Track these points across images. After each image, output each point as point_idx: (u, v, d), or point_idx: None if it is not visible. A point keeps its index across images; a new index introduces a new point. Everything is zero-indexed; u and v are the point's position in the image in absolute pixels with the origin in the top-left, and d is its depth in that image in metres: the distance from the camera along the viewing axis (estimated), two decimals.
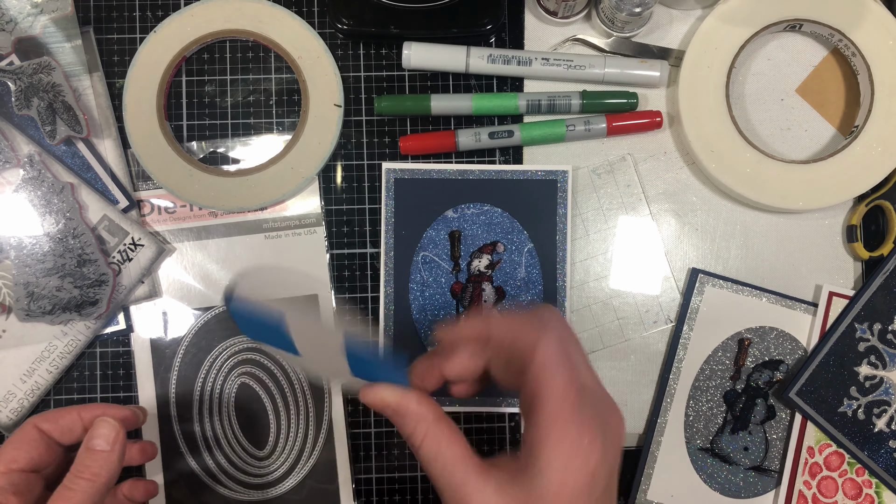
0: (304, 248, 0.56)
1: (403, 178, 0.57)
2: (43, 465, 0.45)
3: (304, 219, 0.56)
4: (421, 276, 0.56)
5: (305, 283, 0.56)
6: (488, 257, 0.57)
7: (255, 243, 0.56)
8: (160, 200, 0.57)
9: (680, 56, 0.57)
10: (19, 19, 0.55)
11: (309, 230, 0.56)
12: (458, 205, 0.57)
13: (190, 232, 0.56)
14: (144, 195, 0.57)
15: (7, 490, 0.43)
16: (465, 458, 0.37)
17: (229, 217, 0.56)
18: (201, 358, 0.56)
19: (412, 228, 0.57)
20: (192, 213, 0.56)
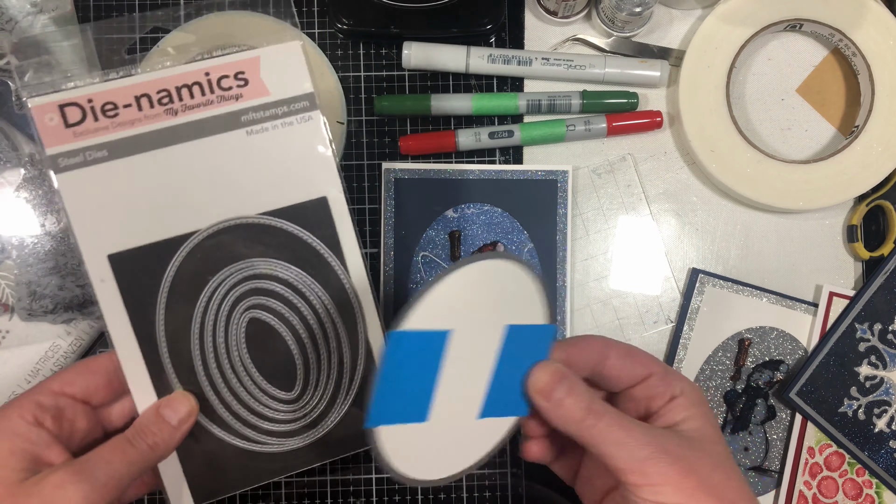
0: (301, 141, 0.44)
1: (403, 178, 0.57)
2: (99, 399, 0.43)
3: (293, 102, 0.44)
4: (421, 276, 0.56)
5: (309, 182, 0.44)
6: None
7: (235, 143, 0.43)
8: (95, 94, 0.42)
9: (680, 56, 0.57)
10: (19, 18, 0.55)
11: (302, 117, 0.45)
12: (458, 205, 0.57)
13: (144, 139, 0.43)
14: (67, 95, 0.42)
15: (48, 410, 0.40)
16: None
17: (194, 113, 0.43)
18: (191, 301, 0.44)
19: (412, 228, 0.57)
20: (143, 114, 0.43)
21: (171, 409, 0.43)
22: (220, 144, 0.43)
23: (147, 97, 0.42)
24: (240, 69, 0.43)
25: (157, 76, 0.42)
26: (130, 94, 0.42)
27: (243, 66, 0.43)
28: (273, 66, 0.44)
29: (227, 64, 0.43)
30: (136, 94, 0.42)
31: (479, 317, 0.37)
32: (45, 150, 0.42)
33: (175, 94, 0.43)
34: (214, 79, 0.43)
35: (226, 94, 0.43)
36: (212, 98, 0.43)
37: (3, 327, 0.54)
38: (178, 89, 0.42)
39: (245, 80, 0.43)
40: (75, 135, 0.42)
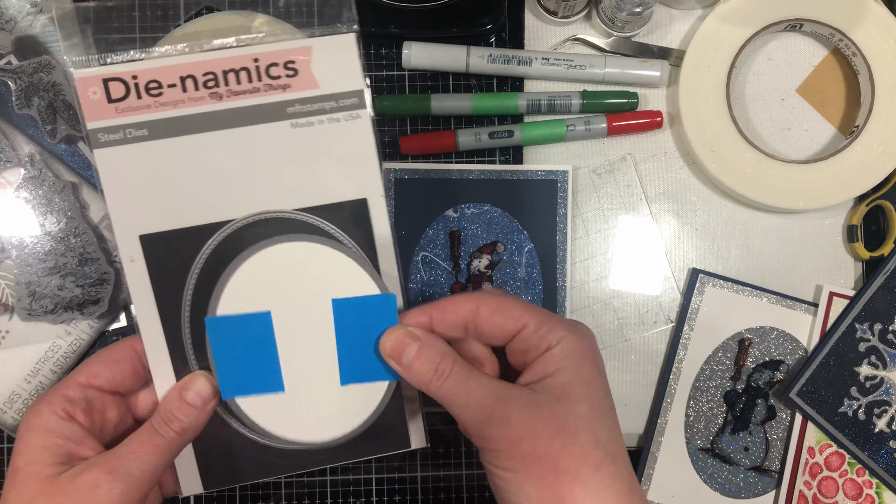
0: (346, 139, 0.43)
1: (403, 178, 0.57)
2: (126, 387, 0.42)
3: (342, 98, 0.43)
4: (421, 276, 0.56)
5: (350, 183, 0.42)
6: (488, 257, 0.57)
7: (279, 135, 0.42)
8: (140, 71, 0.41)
9: (680, 56, 0.57)
10: (19, 18, 0.55)
11: (350, 115, 0.43)
12: (458, 205, 0.57)
13: (185, 122, 0.42)
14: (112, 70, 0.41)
15: (78, 404, 0.40)
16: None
17: (239, 99, 0.42)
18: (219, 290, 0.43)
19: (412, 228, 0.57)
20: (187, 96, 0.41)
21: (192, 390, 0.42)
22: (262, 134, 0.42)
23: (192, 78, 0.41)
24: (290, 58, 0.42)
25: (205, 58, 0.41)
26: (176, 73, 0.41)
27: (294, 55, 0.42)
28: (325, 58, 0.42)
29: (278, 51, 0.42)
30: (182, 74, 0.41)
31: (297, 295, 0.41)
32: (87, 123, 0.41)
33: (221, 78, 0.42)
34: (263, 66, 0.42)
35: (273, 83, 0.42)
36: (259, 86, 0.42)
37: (3, 327, 0.54)
38: (226, 73, 0.41)
39: (295, 70, 0.42)
40: (117, 111, 0.41)
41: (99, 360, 0.42)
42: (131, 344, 0.43)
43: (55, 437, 0.39)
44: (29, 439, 0.39)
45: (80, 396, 0.40)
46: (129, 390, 0.43)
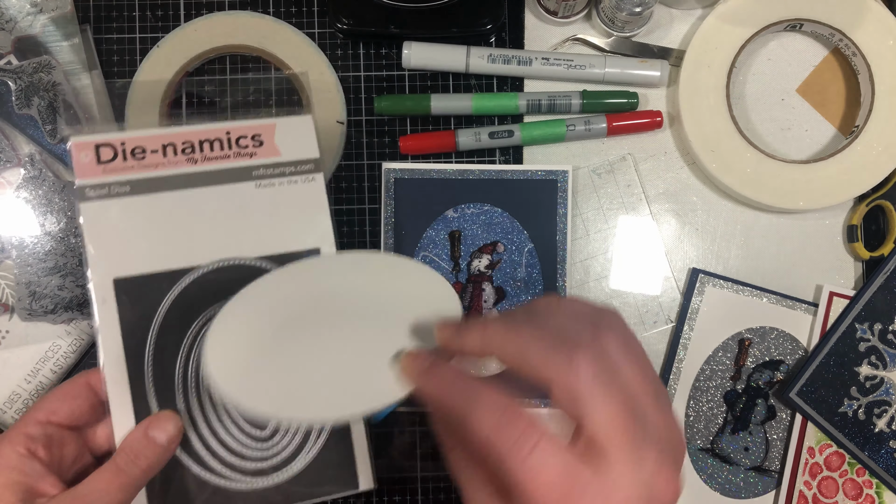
0: (303, 198, 0.49)
1: (403, 178, 0.57)
2: (83, 422, 0.43)
3: (300, 164, 0.49)
4: None
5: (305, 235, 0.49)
6: (488, 257, 0.57)
7: (244, 193, 0.48)
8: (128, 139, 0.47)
9: (680, 56, 0.57)
10: (19, 18, 0.55)
11: (307, 177, 0.49)
12: (458, 205, 0.57)
13: (164, 181, 0.47)
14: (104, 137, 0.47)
15: (38, 441, 0.41)
16: None
17: (211, 163, 0.48)
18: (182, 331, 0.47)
19: (412, 228, 0.57)
20: (166, 160, 0.47)
21: (159, 428, 0.43)
22: (230, 192, 0.48)
23: (172, 146, 0.47)
24: (257, 132, 0.49)
25: (185, 130, 0.48)
26: (159, 142, 0.47)
27: (260, 130, 0.49)
28: (286, 133, 0.49)
29: (247, 126, 0.49)
30: (164, 142, 0.47)
31: None
32: (76, 181, 0.46)
33: (197, 146, 0.48)
34: (234, 137, 0.48)
35: (241, 151, 0.49)
36: (229, 153, 0.48)
37: (3, 327, 0.54)
38: (201, 142, 0.48)
39: (260, 142, 0.49)
40: (104, 171, 0.46)
41: (56, 396, 0.43)
42: (86, 379, 0.44)
43: (17, 475, 0.39)
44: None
45: (41, 433, 0.41)
46: (86, 424, 0.44)
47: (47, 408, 0.42)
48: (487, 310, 0.56)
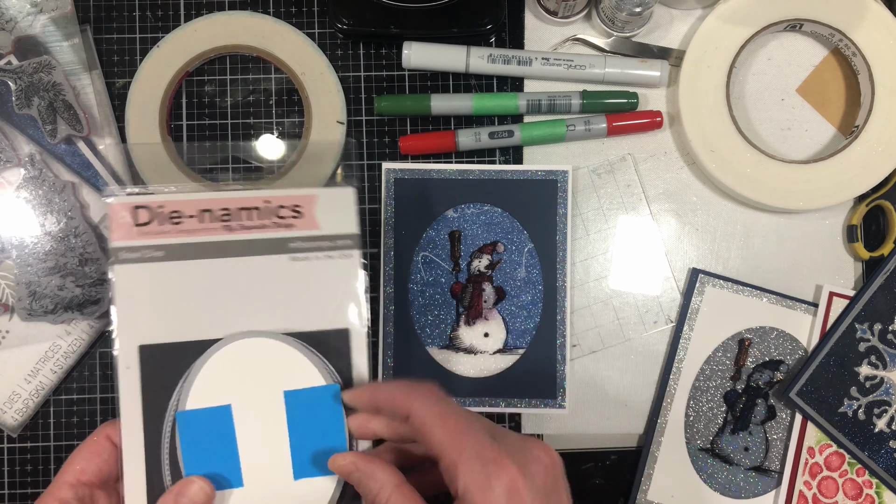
0: (338, 275, 0.47)
1: (403, 178, 0.57)
2: (111, 478, 0.43)
3: (338, 239, 0.48)
4: (421, 276, 0.56)
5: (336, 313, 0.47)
6: (488, 257, 0.57)
7: (278, 265, 0.47)
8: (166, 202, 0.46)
9: (680, 56, 0.57)
10: (19, 18, 0.55)
11: (344, 253, 0.48)
12: (458, 205, 0.57)
13: (198, 248, 0.47)
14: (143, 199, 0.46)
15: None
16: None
17: (248, 233, 0.47)
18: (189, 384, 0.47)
19: (412, 228, 0.57)
20: (202, 226, 0.47)
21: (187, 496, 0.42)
22: (264, 264, 0.46)
23: (210, 212, 0.46)
24: (297, 203, 0.47)
25: (224, 195, 0.46)
26: (196, 207, 0.46)
27: (300, 202, 0.47)
28: (326, 206, 0.47)
29: (287, 196, 0.47)
30: (202, 207, 0.46)
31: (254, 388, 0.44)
32: (112, 242, 0.45)
33: (235, 213, 0.46)
34: (273, 206, 0.47)
35: (279, 222, 0.47)
36: (267, 223, 0.47)
37: (3, 327, 0.54)
38: (239, 210, 0.47)
39: (300, 213, 0.47)
40: (140, 234, 0.45)
41: (81, 455, 0.43)
42: (106, 433, 0.44)
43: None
44: None
45: (72, 496, 0.41)
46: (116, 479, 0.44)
47: (75, 468, 0.42)
48: (487, 310, 0.56)
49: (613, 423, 0.57)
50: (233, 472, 0.44)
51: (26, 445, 0.56)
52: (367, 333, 0.47)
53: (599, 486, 0.57)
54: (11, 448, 0.56)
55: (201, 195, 0.46)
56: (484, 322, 0.56)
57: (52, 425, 0.56)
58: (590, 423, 0.57)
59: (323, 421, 0.45)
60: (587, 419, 0.57)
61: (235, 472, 0.44)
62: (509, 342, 0.56)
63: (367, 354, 0.47)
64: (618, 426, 0.57)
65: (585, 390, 0.57)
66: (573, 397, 0.57)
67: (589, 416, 0.57)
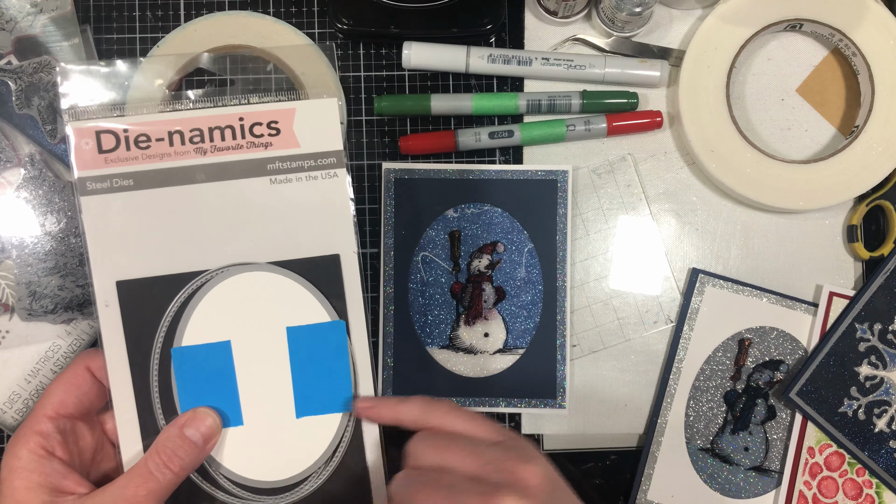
0: (323, 197, 0.44)
1: (403, 178, 0.57)
2: (94, 408, 0.42)
3: (321, 157, 0.44)
4: (421, 276, 0.56)
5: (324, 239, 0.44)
6: (488, 257, 0.57)
7: (258, 190, 0.44)
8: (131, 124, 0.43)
9: (680, 56, 0.57)
10: (19, 18, 0.55)
11: (328, 173, 0.44)
12: (458, 205, 0.57)
13: (170, 174, 0.43)
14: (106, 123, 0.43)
15: (53, 438, 0.39)
16: None
17: (222, 154, 0.44)
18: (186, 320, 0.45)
19: (412, 228, 0.57)
20: (173, 150, 0.43)
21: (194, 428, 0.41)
22: (242, 189, 0.43)
23: (180, 134, 0.43)
24: (274, 118, 0.44)
25: (193, 115, 0.43)
26: (165, 128, 0.43)
27: (278, 116, 0.44)
28: (307, 120, 0.44)
29: (262, 112, 0.44)
30: (171, 129, 0.43)
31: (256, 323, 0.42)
32: (76, 172, 0.42)
33: (207, 135, 0.43)
34: (248, 125, 0.44)
35: (256, 141, 0.44)
36: (242, 143, 0.44)
37: (3, 327, 0.54)
38: (211, 130, 0.43)
39: (277, 130, 0.44)
40: (106, 161, 0.43)
41: (59, 387, 0.41)
42: (85, 364, 0.42)
43: (37, 476, 0.38)
44: (13, 483, 0.38)
45: (53, 429, 0.40)
46: (97, 411, 0.43)
47: (54, 401, 0.40)
48: (487, 310, 0.56)
49: (613, 423, 0.57)
50: (232, 410, 0.42)
51: None
52: (357, 258, 0.44)
53: (599, 486, 0.57)
54: None
55: (169, 115, 0.43)
56: (484, 322, 0.56)
57: None
58: (590, 423, 0.57)
59: (327, 358, 0.43)
60: (587, 419, 0.57)
61: (235, 411, 0.42)
62: (509, 342, 0.56)
63: (360, 280, 0.44)
64: (618, 426, 0.57)
65: (585, 390, 0.57)
66: (573, 397, 0.57)
67: (589, 416, 0.57)
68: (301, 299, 0.43)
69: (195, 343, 0.42)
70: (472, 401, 0.56)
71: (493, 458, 0.38)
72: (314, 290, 0.44)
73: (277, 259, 0.44)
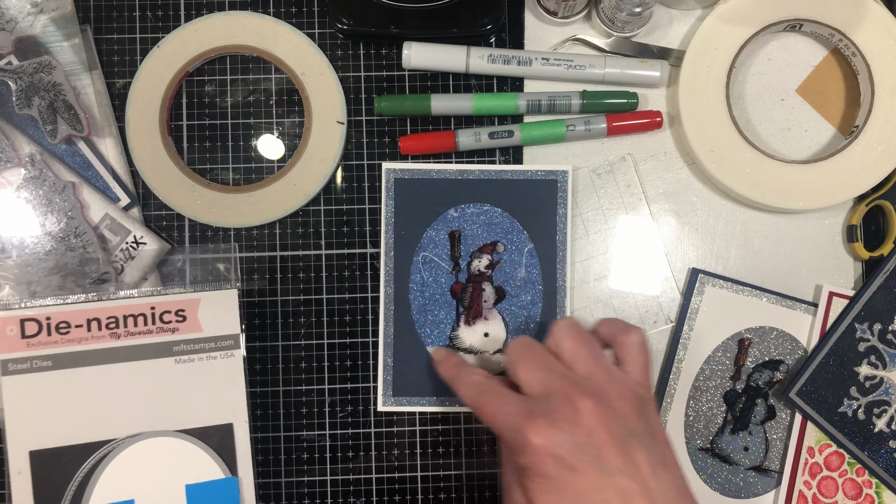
0: (221, 374, 0.51)
1: (403, 178, 0.57)
2: None
3: (220, 340, 0.51)
4: (421, 277, 0.56)
5: (220, 410, 0.51)
6: (488, 257, 0.57)
7: (163, 369, 0.50)
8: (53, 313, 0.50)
9: (680, 56, 0.57)
10: (19, 19, 0.55)
11: (226, 353, 0.51)
12: (458, 205, 0.57)
13: (86, 356, 0.50)
14: (30, 312, 0.49)
15: None
16: None
17: (134, 338, 0.50)
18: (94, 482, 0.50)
19: (412, 228, 0.57)
20: (90, 334, 0.50)
21: None
22: (150, 368, 0.50)
23: (97, 321, 0.49)
24: (181, 307, 0.50)
25: (110, 304, 0.49)
26: (84, 317, 0.49)
27: (185, 305, 0.50)
28: (210, 309, 0.51)
29: (171, 301, 0.50)
30: (89, 317, 0.49)
31: (157, 482, 0.48)
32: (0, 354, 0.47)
33: (122, 321, 0.50)
34: (158, 313, 0.50)
35: (164, 327, 0.50)
36: (152, 328, 0.50)
37: None
38: (126, 317, 0.50)
39: (184, 317, 0.50)
40: (28, 345, 0.48)
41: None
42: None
43: None
44: None
45: None
46: None
47: None
48: (487, 310, 0.56)
49: None
50: None
51: None
52: (248, 427, 0.50)
53: None
54: None
55: (88, 306, 0.49)
56: (484, 322, 0.56)
57: None
58: None
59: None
60: None
61: None
62: (509, 342, 0.56)
63: (249, 445, 0.50)
64: None
65: None
66: None
67: None
68: (198, 460, 0.49)
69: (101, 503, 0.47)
70: None
71: (601, 374, 0.42)
72: (211, 451, 0.49)
73: (180, 428, 0.50)
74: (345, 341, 0.57)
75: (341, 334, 0.57)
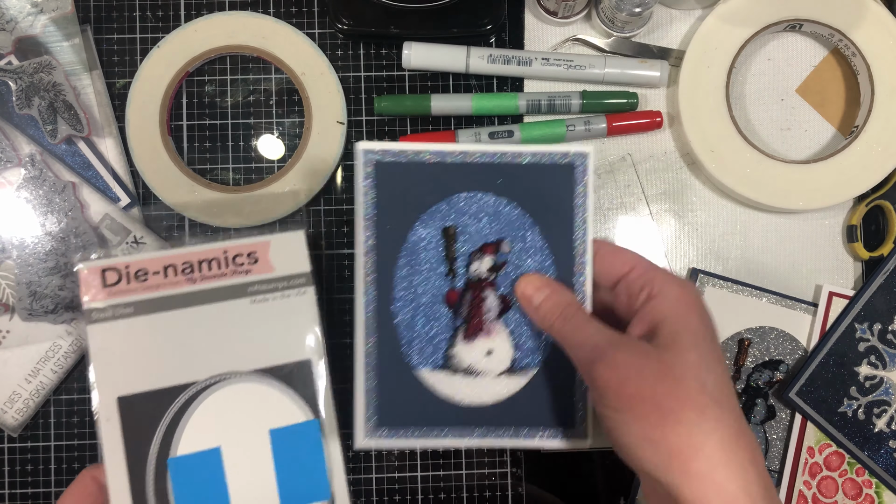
0: (295, 312, 0.52)
1: (386, 162, 0.46)
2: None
3: (292, 279, 0.52)
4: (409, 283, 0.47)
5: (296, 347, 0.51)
6: (491, 258, 0.51)
7: (240, 310, 0.51)
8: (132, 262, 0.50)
9: (680, 56, 0.57)
10: (19, 19, 0.55)
11: (299, 291, 0.52)
12: (454, 194, 0.46)
13: (165, 301, 0.50)
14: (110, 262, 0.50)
15: None
16: None
17: (209, 282, 0.50)
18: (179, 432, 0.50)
19: (398, 224, 0.46)
20: (167, 280, 0.50)
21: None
22: (227, 309, 0.50)
23: (173, 267, 0.50)
24: (252, 250, 0.51)
25: (185, 251, 0.51)
26: (161, 264, 0.50)
27: (255, 248, 0.51)
28: (280, 250, 0.51)
29: (243, 245, 0.51)
30: (165, 264, 0.50)
31: (241, 428, 0.48)
32: (84, 304, 0.48)
33: (196, 266, 0.51)
34: (230, 256, 0.51)
35: (238, 269, 0.51)
36: (226, 271, 0.51)
37: (4, 327, 0.54)
38: (200, 262, 0.51)
39: (255, 259, 0.51)
40: (109, 294, 0.49)
41: (70, 498, 0.45)
42: (91, 475, 0.46)
43: None
44: None
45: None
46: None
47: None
48: (490, 322, 0.47)
49: None
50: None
51: (27, 445, 0.56)
52: (325, 363, 0.50)
53: (600, 486, 0.57)
54: (12, 448, 0.56)
55: (163, 253, 0.50)
56: (486, 337, 0.46)
57: (52, 425, 0.56)
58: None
59: (305, 454, 0.49)
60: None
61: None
62: (518, 361, 0.46)
63: (328, 383, 0.50)
64: None
65: None
66: None
67: None
68: (280, 403, 0.50)
69: (188, 451, 0.48)
70: (477, 432, 0.45)
71: None
72: (292, 392, 0.50)
73: (259, 367, 0.50)
74: (345, 342, 0.57)
75: (341, 334, 0.57)
